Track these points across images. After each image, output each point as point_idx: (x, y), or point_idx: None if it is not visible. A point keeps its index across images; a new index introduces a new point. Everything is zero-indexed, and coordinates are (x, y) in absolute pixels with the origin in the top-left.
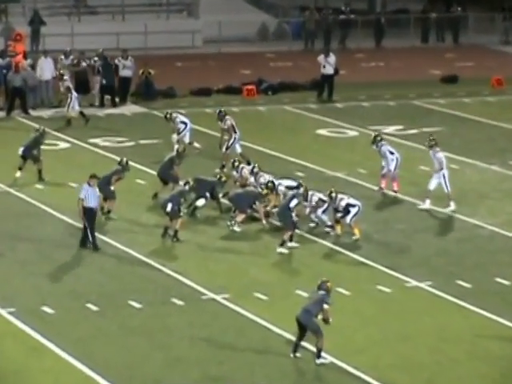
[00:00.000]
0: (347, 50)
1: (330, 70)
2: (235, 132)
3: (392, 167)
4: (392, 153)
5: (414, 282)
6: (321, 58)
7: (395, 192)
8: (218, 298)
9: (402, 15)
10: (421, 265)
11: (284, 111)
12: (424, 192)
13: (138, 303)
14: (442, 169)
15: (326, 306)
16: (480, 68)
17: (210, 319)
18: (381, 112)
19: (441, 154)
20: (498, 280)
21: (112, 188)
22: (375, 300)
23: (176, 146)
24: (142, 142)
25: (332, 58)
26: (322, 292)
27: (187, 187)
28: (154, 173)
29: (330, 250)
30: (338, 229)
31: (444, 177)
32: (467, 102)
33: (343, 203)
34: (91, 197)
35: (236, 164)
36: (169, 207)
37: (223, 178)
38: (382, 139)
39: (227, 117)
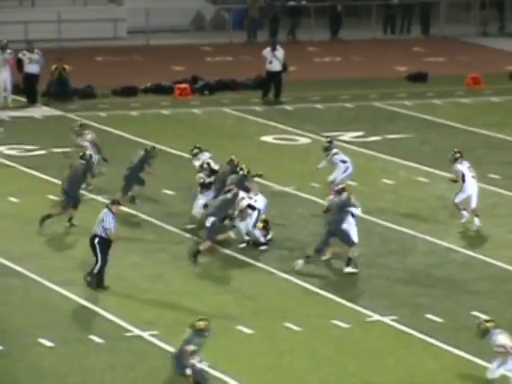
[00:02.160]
0: (298, 42)
1: (277, 66)
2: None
3: (339, 176)
4: (344, 161)
5: (375, 316)
6: (266, 51)
7: None
8: (145, 334)
9: (362, 2)
10: (384, 296)
11: (223, 114)
12: (385, 210)
13: (50, 341)
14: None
15: (189, 348)
16: (453, 64)
17: (135, 360)
18: (337, 115)
19: (460, 167)
20: (474, 313)
21: None
22: (330, 337)
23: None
24: (56, 150)
25: (280, 52)
26: (189, 331)
27: (230, 195)
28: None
29: (275, 277)
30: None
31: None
32: (438, 103)
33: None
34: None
35: None
36: (209, 222)
37: None
38: (333, 146)
39: (87, 131)
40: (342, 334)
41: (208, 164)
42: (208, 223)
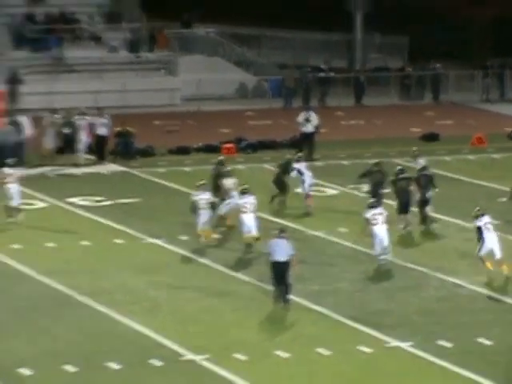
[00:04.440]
0: (327, 107)
1: (309, 128)
2: None
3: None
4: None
5: (394, 342)
6: (301, 116)
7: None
8: (198, 358)
9: (382, 73)
10: (401, 324)
11: (264, 169)
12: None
13: (116, 364)
14: None
15: None
16: (460, 126)
17: (189, 381)
18: (361, 170)
19: (478, 222)
20: (480, 340)
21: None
22: (356, 361)
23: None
24: (121, 201)
25: (312, 116)
26: None
27: None
28: (132, 232)
29: (309, 309)
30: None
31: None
32: (448, 160)
33: None
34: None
35: None
36: None
37: None
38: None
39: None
40: (366, 358)
41: None
42: None
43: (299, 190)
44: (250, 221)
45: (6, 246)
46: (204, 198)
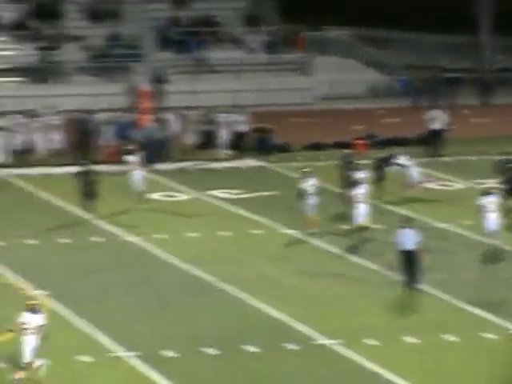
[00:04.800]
0: (455, 106)
1: (437, 126)
2: None
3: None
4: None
5: None
6: (429, 114)
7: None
8: (329, 343)
9: (507, 73)
10: None
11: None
12: None
13: (253, 347)
14: None
15: None
16: None
17: (322, 364)
18: (487, 166)
19: None
20: None
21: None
22: (482, 348)
23: None
24: (258, 193)
25: (440, 114)
26: None
27: None
28: (269, 223)
29: (434, 296)
30: None
31: None
32: None
33: None
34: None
35: None
36: None
37: None
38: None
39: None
40: (491, 344)
41: None
42: None
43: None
44: (362, 210)
45: (151, 236)
46: (310, 184)
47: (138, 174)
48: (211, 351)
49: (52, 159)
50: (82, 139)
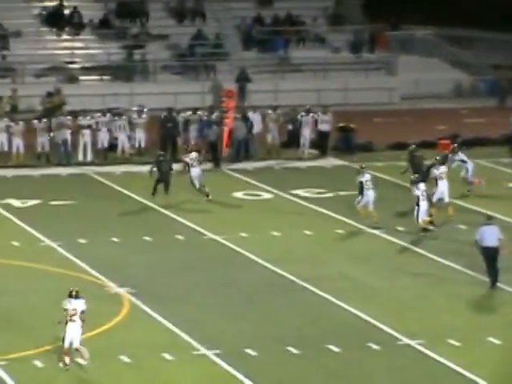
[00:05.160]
0: None
1: None
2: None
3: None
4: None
5: None
6: None
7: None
8: (413, 343)
9: None
10: None
11: (478, 165)
12: None
13: (336, 347)
14: None
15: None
16: None
17: (405, 364)
18: None
19: None
20: None
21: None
22: None
23: None
24: (341, 193)
25: None
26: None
27: None
28: (352, 222)
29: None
30: None
31: None
32: None
33: None
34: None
35: None
36: None
37: None
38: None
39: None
40: None
41: None
42: None
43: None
44: (424, 206)
45: (235, 235)
46: (368, 178)
47: (196, 172)
48: (294, 350)
49: (135, 157)
50: (165, 138)
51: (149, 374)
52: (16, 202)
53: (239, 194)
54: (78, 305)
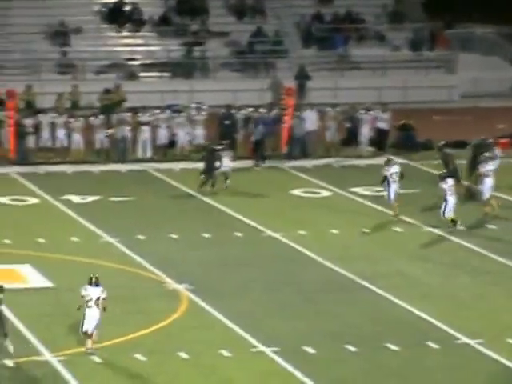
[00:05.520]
0: None
1: None
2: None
3: None
4: None
5: None
6: None
7: None
8: (472, 342)
9: None
10: None
11: None
12: None
13: (394, 345)
14: None
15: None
16: None
17: (464, 363)
18: None
19: None
20: None
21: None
22: None
23: None
24: (401, 191)
25: None
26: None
27: None
28: (414, 221)
29: None
30: None
31: None
32: None
33: None
34: None
35: None
36: None
37: None
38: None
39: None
40: None
41: None
42: None
43: None
44: (452, 201)
45: (293, 232)
46: (393, 171)
47: (227, 165)
48: (352, 348)
49: (194, 154)
50: (223, 135)
51: (207, 370)
52: (76, 198)
53: (298, 192)
54: (93, 292)
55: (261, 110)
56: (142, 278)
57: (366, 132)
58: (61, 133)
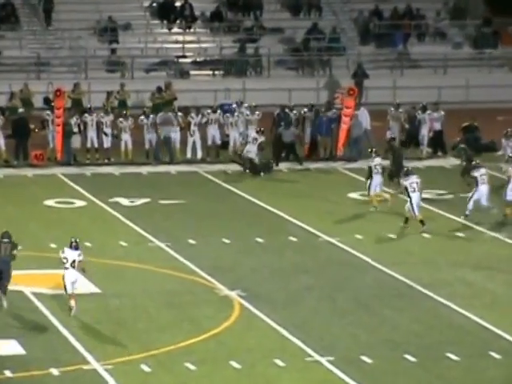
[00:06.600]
0: None
1: None
2: None
3: None
4: None
5: None
6: None
7: None
8: None
9: None
10: None
11: None
12: None
13: (455, 355)
14: None
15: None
16: None
17: None
18: None
19: None
20: None
21: None
22: None
23: None
24: (462, 195)
25: None
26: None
27: None
28: (472, 225)
29: None
30: None
31: None
32: None
33: None
34: None
35: None
36: None
37: None
38: None
39: None
40: None
41: None
42: None
43: None
44: (416, 200)
45: (350, 236)
46: (377, 162)
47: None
48: (411, 358)
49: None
50: (277, 135)
51: (260, 380)
52: (124, 201)
53: (354, 195)
54: (70, 254)
55: (305, 109)
56: (192, 283)
57: (425, 132)
58: (108, 132)
